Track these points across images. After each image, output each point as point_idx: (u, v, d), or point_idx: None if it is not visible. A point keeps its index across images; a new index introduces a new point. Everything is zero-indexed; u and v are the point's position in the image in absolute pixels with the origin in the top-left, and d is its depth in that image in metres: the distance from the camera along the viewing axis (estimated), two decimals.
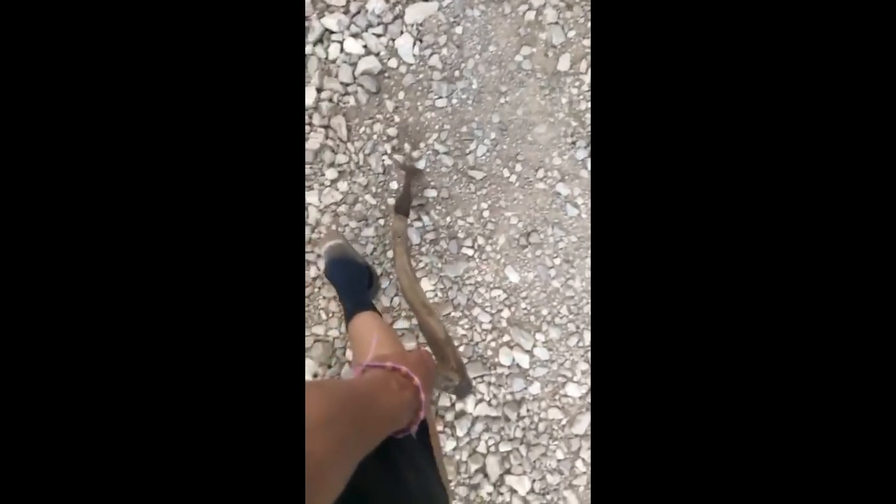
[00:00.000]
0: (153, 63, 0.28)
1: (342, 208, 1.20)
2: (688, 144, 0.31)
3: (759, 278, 0.30)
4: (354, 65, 1.22)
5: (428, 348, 0.78)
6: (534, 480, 1.14)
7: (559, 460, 1.15)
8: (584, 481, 1.15)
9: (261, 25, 0.30)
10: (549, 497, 1.14)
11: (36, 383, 0.25)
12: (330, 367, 1.16)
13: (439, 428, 1.15)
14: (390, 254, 1.18)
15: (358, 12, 1.21)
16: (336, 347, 1.16)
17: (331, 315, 1.18)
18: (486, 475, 1.13)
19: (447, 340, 0.74)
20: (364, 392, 0.43)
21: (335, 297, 1.17)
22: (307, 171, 1.20)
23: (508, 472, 1.13)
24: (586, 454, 1.16)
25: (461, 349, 1.18)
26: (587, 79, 1.29)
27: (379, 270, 1.19)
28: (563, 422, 1.17)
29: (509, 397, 1.16)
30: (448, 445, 1.13)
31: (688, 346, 0.30)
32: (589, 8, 1.27)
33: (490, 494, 1.12)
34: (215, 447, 0.27)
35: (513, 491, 1.13)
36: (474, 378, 1.16)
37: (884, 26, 0.28)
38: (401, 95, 1.24)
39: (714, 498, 0.29)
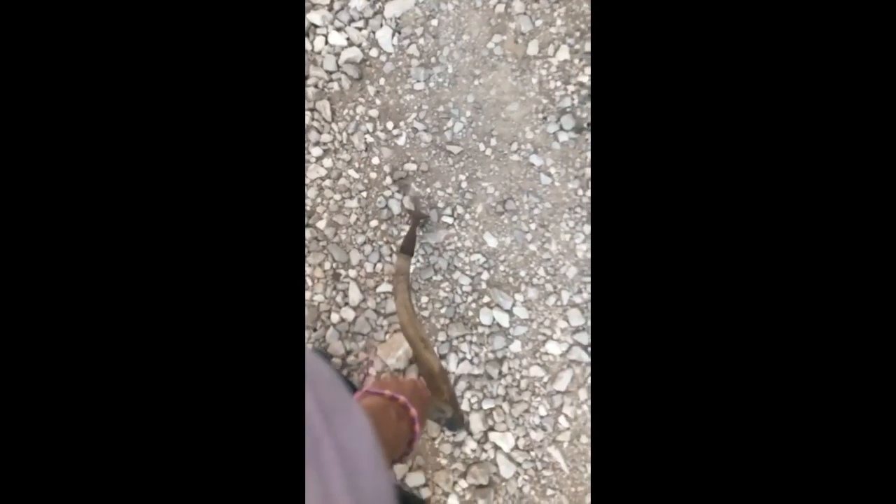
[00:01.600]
0: (153, 52, 0.28)
1: (327, 182, 1.28)
2: (687, 140, 0.31)
3: (757, 276, 0.29)
4: (338, 55, 1.33)
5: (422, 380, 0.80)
6: (517, 437, 1.14)
7: (542, 416, 1.15)
8: (567, 437, 1.15)
9: (264, 21, 0.30)
10: (533, 453, 1.13)
11: (33, 380, 0.25)
12: (315, 329, 1.20)
13: None
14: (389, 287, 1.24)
15: (341, 9, 1.34)
16: (321, 311, 1.21)
17: (316, 280, 1.23)
18: (469, 432, 1.14)
19: (441, 374, 0.77)
20: None
21: (320, 263, 1.23)
22: None
23: (492, 428, 1.14)
24: (569, 410, 1.16)
25: (443, 311, 1.21)
26: (555, 61, 1.38)
27: (370, 266, 1.25)
28: (545, 379, 1.18)
29: (491, 356, 1.18)
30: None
31: (688, 341, 0.30)
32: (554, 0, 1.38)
33: (474, 451, 1.13)
34: (207, 459, 0.26)
35: (497, 447, 1.13)
36: (457, 338, 1.19)
37: (884, 26, 0.28)
38: (381, 81, 1.34)
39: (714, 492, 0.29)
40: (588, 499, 1.12)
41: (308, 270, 1.23)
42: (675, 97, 0.31)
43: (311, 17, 1.31)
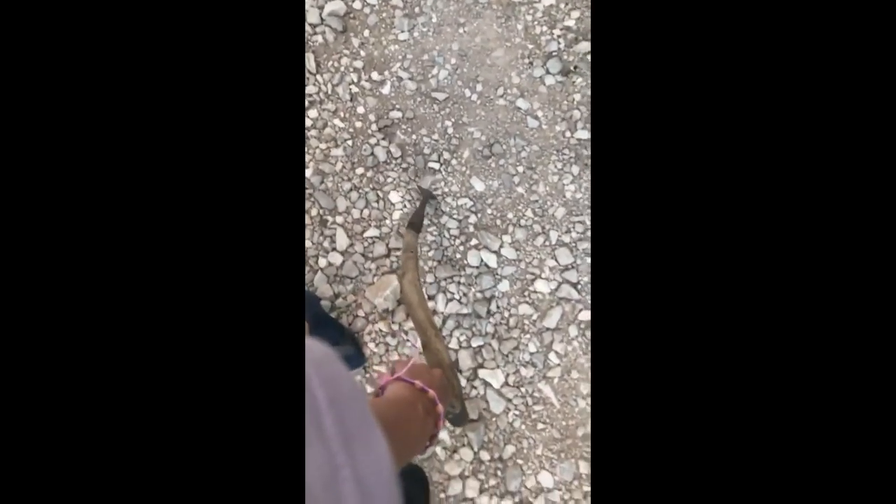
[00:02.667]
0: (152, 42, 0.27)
1: (312, 132, 1.28)
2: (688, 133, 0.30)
3: (755, 272, 0.29)
4: (321, 8, 1.34)
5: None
6: (507, 374, 1.14)
7: (532, 353, 1.15)
8: (557, 373, 1.14)
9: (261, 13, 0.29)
10: (523, 389, 1.13)
11: (33, 380, 0.25)
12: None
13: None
14: (395, 267, 1.24)
15: None
16: (309, 257, 1.22)
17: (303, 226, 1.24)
18: (459, 370, 1.14)
19: (450, 366, 0.73)
20: (395, 417, 0.41)
21: (308, 210, 1.24)
22: None
23: (481, 366, 1.14)
24: (559, 346, 1.15)
25: (430, 254, 1.21)
26: (541, 6, 1.37)
27: (356, 211, 1.26)
28: (534, 316, 1.17)
29: (479, 295, 1.18)
30: (420, 342, 1.15)
31: (689, 335, 0.30)
32: None
33: (464, 388, 1.13)
34: (210, 453, 0.26)
35: (487, 384, 1.13)
36: (444, 279, 1.19)
37: (884, 26, 0.27)
38: (366, 33, 1.34)
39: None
40: (580, 431, 1.11)
41: None
42: (674, 37, 0.31)
43: None
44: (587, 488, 1.07)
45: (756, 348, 0.28)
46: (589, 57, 1.36)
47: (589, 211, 1.26)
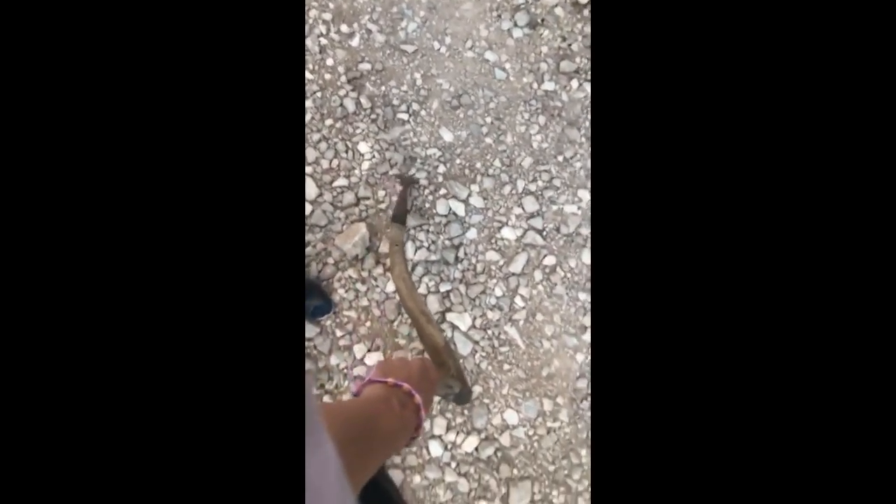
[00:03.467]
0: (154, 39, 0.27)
1: None
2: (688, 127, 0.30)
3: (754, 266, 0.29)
4: None
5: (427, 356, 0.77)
6: (475, 317, 1.16)
7: (498, 297, 1.18)
8: (523, 315, 1.17)
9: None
10: (489, 332, 1.16)
11: (31, 375, 0.24)
12: None
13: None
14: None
15: None
16: None
17: None
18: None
19: (446, 348, 0.74)
20: (366, 415, 0.42)
21: None
22: None
23: (449, 310, 1.16)
24: (524, 290, 1.18)
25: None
26: None
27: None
28: (501, 262, 1.20)
29: (447, 243, 1.20)
30: (389, 287, 1.17)
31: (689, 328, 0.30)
32: None
33: None
34: (205, 456, 0.25)
35: (454, 327, 1.15)
36: (413, 227, 1.21)
37: (884, 26, 0.27)
38: None
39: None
40: (544, 371, 1.15)
41: None
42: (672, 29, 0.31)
43: None
44: (550, 424, 1.11)
45: (752, 333, 0.28)
46: (557, 10, 1.37)
47: (555, 159, 1.28)
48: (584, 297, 1.18)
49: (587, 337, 1.16)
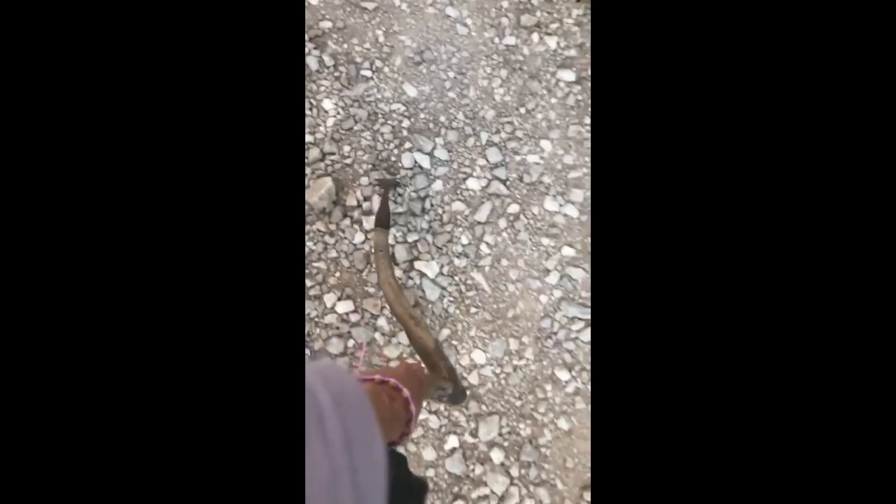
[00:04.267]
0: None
1: None
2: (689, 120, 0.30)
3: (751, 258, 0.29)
4: None
5: (416, 361, 0.76)
6: (441, 265, 1.20)
7: (464, 245, 1.21)
8: (488, 262, 1.21)
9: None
10: (457, 278, 1.20)
11: (37, 385, 0.24)
12: None
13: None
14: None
15: None
16: None
17: None
18: (395, 262, 1.19)
19: (437, 350, 0.74)
20: None
21: None
22: None
23: (417, 258, 1.20)
24: (489, 238, 1.22)
25: (364, 157, 1.25)
26: None
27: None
28: (466, 212, 1.23)
29: (414, 195, 1.23)
30: (357, 238, 1.20)
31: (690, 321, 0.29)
32: None
33: (400, 278, 1.18)
34: (203, 454, 0.25)
35: (422, 274, 1.19)
36: (378, 182, 1.23)
37: (884, 26, 0.27)
38: None
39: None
40: (510, 313, 1.19)
41: None
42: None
43: None
44: (516, 362, 1.16)
45: (752, 330, 0.28)
46: None
47: (517, 111, 1.31)
48: (548, 242, 1.22)
49: (550, 279, 1.20)
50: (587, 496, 1.10)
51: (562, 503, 1.10)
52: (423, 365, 0.72)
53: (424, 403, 1.08)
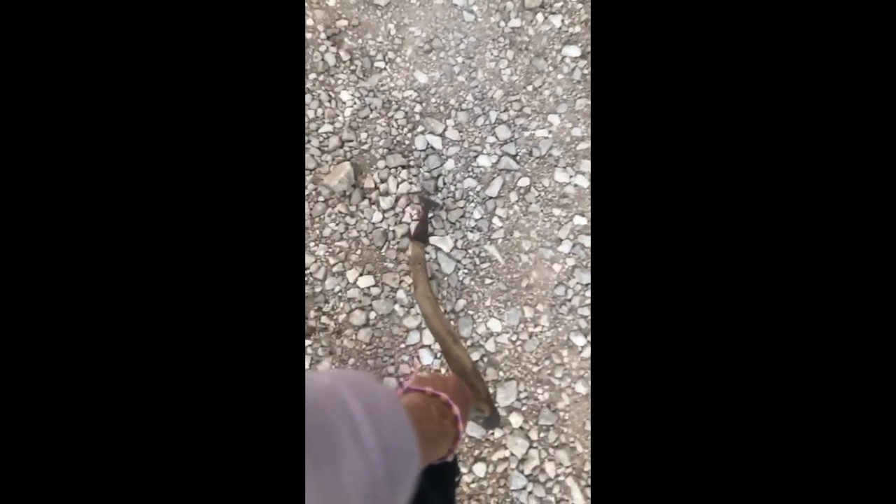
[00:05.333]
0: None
1: None
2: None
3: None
4: None
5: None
6: (456, 239, 1.24)
7: (477, 219, 1.25)
8: (501, 234, 1.24)
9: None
10: (471, 251, 1.24)
11: (34, 384, 0.24)
12: None
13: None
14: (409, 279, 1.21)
15: None
16: None
17: None
18: (411, 237, 1.25)
19: (474, 370, 0.71)
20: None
21: None
22: None
23: (431, 234, 1.25)
24: (501, 211, 1.26)
25: (380, 142, 1.32)
26: None
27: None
28: (478, 188, 1.27)
29: (427, 175, 1.29)
30: (375, 217, 1.26)
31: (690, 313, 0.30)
32: None
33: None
34: (210, 456, 0.25)
35: (437, 249, 1.24)
36: (395, 167, 1.30)
37: (884, 26, 0.27)
38: None
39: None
40: (524, 283, 1.22)
41: None
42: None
43: None
44: (532, 329, 1.18)
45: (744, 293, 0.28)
46: None
47: (524, 90, 1.34)
48: (559, 213, 1.25)
49: (563, 248, 1.22)
50: None
51: (583, 465, 1.11)
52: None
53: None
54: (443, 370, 1.17)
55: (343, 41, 1.40)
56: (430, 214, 1.21)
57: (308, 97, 1.36)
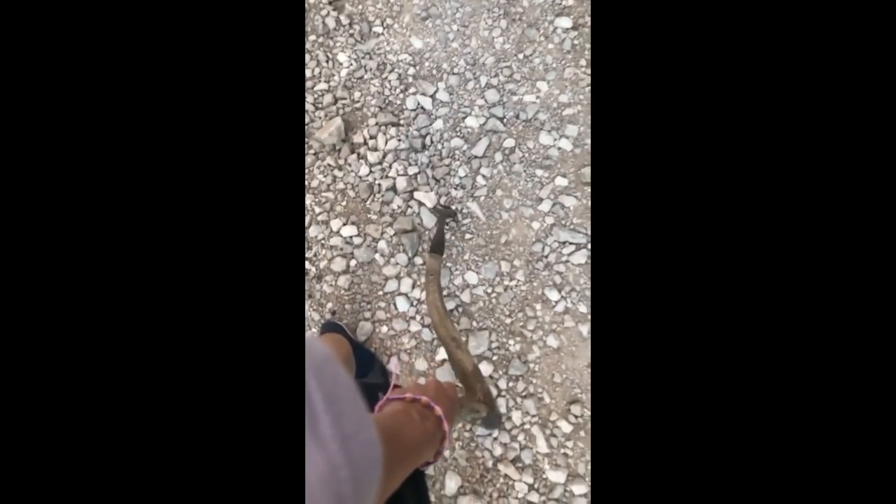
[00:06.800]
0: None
1: None
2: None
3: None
4: None
5: (452, 382, 0.74)
6: (440, 196, 1.27)
7: (461, 177, 1.28)
8: (484, 192, 1.27)
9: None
10: (453, 207, 1.26)
11: (33, 380, 0.24)
12: None
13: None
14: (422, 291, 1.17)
15: None
16: None
17: None
18: (395, 191, 1.28)
19: (475, 373, 0.75)
20: (389, 429, 0.41)
21: None
22: None
23: (416, 189, 1.28)
24: (485, 170, 1.28)
25: (373, 101, 1.36)
26: None
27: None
28: (464, 147, 1.31)
29: (416, 133, 1.32)
30: (362, 171, 1.30)
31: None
32: None
33: (399, 207, 1.27)
34: (209, 457, 0.26)
35: (421, 203, 1.27)
36: (384, 124, 1.34)
37: (884, 26, 0.27)
38: None
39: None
40: (502, 239, 1.24)
41: None
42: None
43: None
44: (507, 283, 1.20)
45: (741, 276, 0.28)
46: None
47: (516, 57, 1.38)
48: (541, 173, 1.27)
49: (543, 207, 1.24)
50: (574, 409, 1.11)
51: (548, 415, 1.11)
52: (460, 385, 0.75)
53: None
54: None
55: (344, 6, 1.46)
56: (446, 224, 1.20)
57: (307, 57, 1.40)
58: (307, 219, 1.27)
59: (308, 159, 1.32)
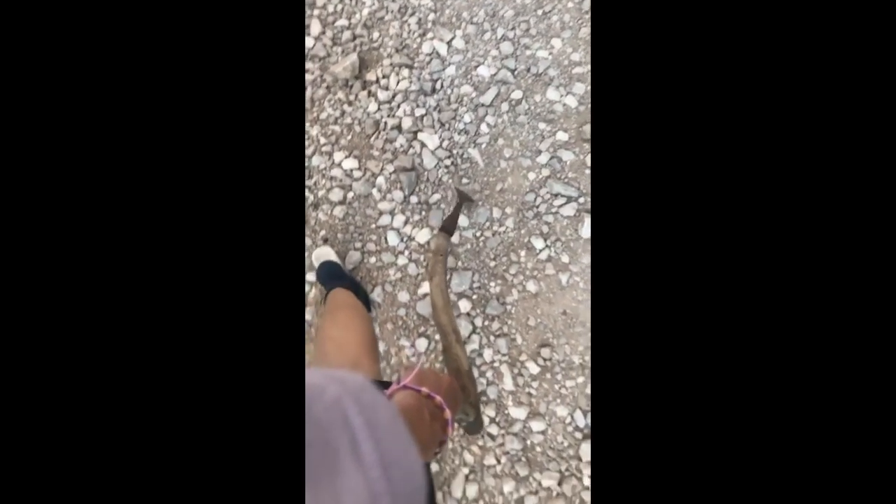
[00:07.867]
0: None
1: None
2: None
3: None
4: None
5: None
6: (443, 139, 1.30)
7: (466, 123, 1.31)
8: (486, 140, 1.29)
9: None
10: (455, 151, 1.29)
11: (32, 384, 0.24)
12: None
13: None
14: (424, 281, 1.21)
15: None
16: None
17: None
18: (400, 130, 1.31)
19: (469, 373, 0.72)
20: None
21: None
22: None
23: (420, 130, 1.31)
24: (490, 119, 1.31)
25: (390, 42, 1.39)
26: None
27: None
28: (473, 94, 1.33)
29: (427, 76, 1.35)
30: (371, 107, 1.33)
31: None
32: None
33: (402, 146, 1.30)
34: (210, 452, 0.26)
35: (423, 145, 1.30)
36: (399, 66, 1.36)
37: (884, 26, 0.27)
38: None
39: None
40: (498, 186, 1.26)
41: None
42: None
43: None
44: (496, 229, 1.23)
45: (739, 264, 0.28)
46: None
47: (535, 13, 1.39)
48: (544, 127, 1.29)
49: (541, 159, 1.26)
50: (544, 353, 1.14)
51: (518, 356, 1.15)
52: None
53: None
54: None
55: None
56: (463, 209, 1.17)
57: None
58: (311, 149, 1.32)
59: (320, 92, 1.36)
